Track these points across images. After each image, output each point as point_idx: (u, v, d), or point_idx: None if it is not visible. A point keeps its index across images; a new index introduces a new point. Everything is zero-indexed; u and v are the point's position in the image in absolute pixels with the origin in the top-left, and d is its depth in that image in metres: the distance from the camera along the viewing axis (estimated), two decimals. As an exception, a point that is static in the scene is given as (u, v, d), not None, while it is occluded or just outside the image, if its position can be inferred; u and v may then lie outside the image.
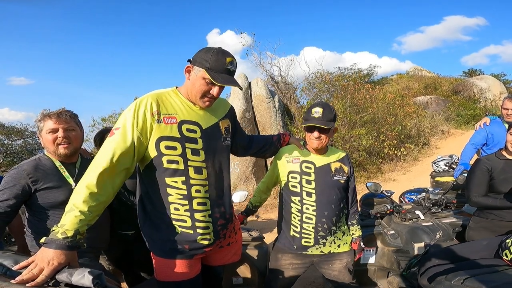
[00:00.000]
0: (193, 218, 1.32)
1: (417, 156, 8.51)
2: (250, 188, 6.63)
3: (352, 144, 7.59)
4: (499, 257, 1.52)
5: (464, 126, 11.06)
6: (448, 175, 3.92)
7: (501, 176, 1.99)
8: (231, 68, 1.31)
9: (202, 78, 1.28)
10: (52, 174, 1.58)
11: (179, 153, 1.28)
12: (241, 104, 7.14)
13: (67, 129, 1.60)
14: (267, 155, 1.85)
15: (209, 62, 1.27)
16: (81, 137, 1.72)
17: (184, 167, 1.29)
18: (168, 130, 1.27)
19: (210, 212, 1.37)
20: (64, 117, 1.60)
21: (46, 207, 1.56)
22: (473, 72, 18.15)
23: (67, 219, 1.09)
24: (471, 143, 2.91)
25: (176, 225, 1.32)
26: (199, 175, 1.32)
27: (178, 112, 1.31)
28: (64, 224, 1.08)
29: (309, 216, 1.68)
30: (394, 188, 6.05)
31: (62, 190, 1.58)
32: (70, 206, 1.11)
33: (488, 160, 2.06)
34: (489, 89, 13.05)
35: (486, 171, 2.02)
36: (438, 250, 1.87)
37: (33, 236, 1.59)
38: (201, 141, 1.33)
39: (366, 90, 9.18)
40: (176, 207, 1.31)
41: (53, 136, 1.57)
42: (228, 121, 1.51)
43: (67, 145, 1.60)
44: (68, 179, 1.61)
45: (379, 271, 2.35)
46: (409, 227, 2.27)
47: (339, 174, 1.72)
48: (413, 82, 16.64)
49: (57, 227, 1.08)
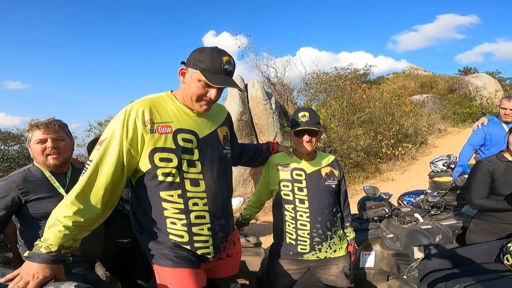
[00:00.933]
0: (191, 233, 1.26)
1: (415, 155, 8.52)
2: (249, 190, 6.61)
3: (350, 145, 7.59)
4: (500, 261, 1.50)
5: (461, 124, 11.10)
6: (446, 175, 3.91)
7: (503, 178, 1.97)
8: (228, 68, 1.20)
9: (198, 80, 1.19)
10: (42, 184, 1.56)
11: (174, 165, 1.19)
12: (238, 107, 7.12)
13: (56, 139, 1.57)
14: (257, 163, 1.82)
15: (203, 63, 1.17)
16: (71, 147, 1.69)
17: (180, 180, 1.21)
18: (163, 140, 1.17)
19: (209, 225, 1.29)
20: (53, 127, 1.57)
21: (38, 217, 1.53)
22: (468, 70, 18.27)
23: (50, 233, 1.04)
24: (469, 144, 2.90)
25: (173, 240, 1.25)
26: (196, 188, 1.25)
27: (173, 119, 1.22)
28: (47, 239, 1.04)
29: (303, 223, 1.67)
30: (393, 188, 6.09)
31: (54, 200, 1.54)
32: (53, 220, 1.06)
33: (489, 162, 2.04)
34: (484, 87, 13.11)
35: (487, 173, 2.00)
36: (438, 254, 1.86)
37: (26, 246, 1.57)
38: (197, 151, 1.25)
39: (363, 90, 9.20)
40: (173, 221, 1.24)
41: (42, 146, 1.55)
42: (226, 128, 1.44)
43: (57, 155, 1.58)
44: (59, 189, 1.59)
45: (379, 275, 2.33)
46: (408, 230, 2.26)
47: (330, 179, 1.72)
48: (409, 81, 16.70)
49: (40, 242, 1.04)
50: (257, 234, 2.53)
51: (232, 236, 1.47)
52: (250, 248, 2.28)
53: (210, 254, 1.32)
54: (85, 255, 1.64)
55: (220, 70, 1.19)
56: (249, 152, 1.74)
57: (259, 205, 1.98)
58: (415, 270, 1.97)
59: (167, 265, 1.25)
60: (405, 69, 20.66)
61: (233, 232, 1.48)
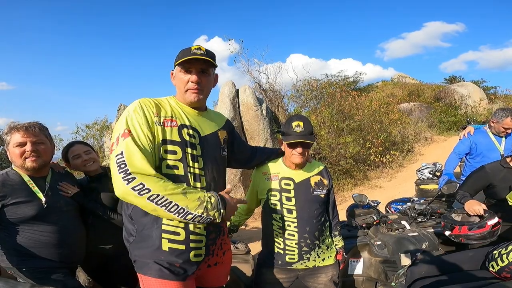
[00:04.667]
0: (188, 231, 1.25)
1: (402, 163, 8.67)
2: (238, 196, 6.58)
3: (339, 152, 7.67)
4: (485, 268, 1.53)
5: (446, 133, 11.36)
6: (432, 183, 3.98)
7: (502, 185, 2.08)
8: (197, 51, 1.29)
9: (179, 72, 1.32)
10: (21, 189, 1.53)
11: (179, 157, 1.24)
12: (229, 112, 7.11)
13: (35, 142, 1.55)
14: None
15: (177, 58, 1.31)
16: (51, 151, 1.66)
17: (184, 173, 1.24)
18: (169, 133, 1.24)
19: (205, 224, 1.29)
20: (32, 130, 1.54)
21: (15, 222, 1.51)
22: (453, 79, 18.75)
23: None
24: (455, 153, 2.95)
25: (166, 238, 1.23)
26: (198, 183, 1.27)
27: (177, 116, 1.30)
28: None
29: (291, 233, 1.66)
30: (381, 195, 6.16)
31: (32, 205, 1.53)
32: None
33: (489, 170, 2.18)
34: (469, 96, 13.46)
35: (482, 179, 2.20)
36: (425, 261, 1.88)
37: (3, 252, 1.53)
38: (200, 147, 1.30)
39: (353, 97, 9.33)
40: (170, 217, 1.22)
41: (20, 150, 1.52)
42: (225, 132, 1.51)
43: (35, 158, 1.55)
44: (37, 193, 1.56)
45: (367, 282, 2.34)
46: (396, 237, 2.28)
47: (319, 188, 1.71)
48: (397, 89, 17.05)
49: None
50: (247, 241, 2.52)
51: (223, 242, 1.46)
52: (239, 255, 2.27)
53: (201, 256, 1.31)
54: (64, 260, 1.62)
55: (190, 54, 1.28)
56: (262, 155, 1.79)
57: (249, 212, 1.97)
58: (402, 277, 1.99)
59: (153, 275, 1.23)
60: (394, 77, 21.11)
61: (223, 237, 1.46)
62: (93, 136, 9.71)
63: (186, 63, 1.29)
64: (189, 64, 1.29)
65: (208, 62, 1.31)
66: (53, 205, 1.61)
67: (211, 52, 1.35)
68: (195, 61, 1.29)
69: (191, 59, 1.27)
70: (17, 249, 1.52)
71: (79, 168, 1.92)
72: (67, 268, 1.64)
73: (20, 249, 1.52)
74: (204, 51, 1.31)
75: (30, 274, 1.52)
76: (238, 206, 1.29)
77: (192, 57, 1.27)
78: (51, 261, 1.58)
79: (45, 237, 1.57)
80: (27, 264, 1.53)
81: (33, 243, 1.55)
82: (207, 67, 1.34)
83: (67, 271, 1.64)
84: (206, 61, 1.30)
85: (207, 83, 1.36)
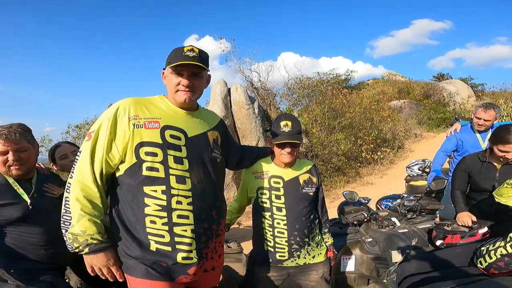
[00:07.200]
0: (172, 233, 1.24)
1: (392, 160, 8.78)
2: (231, 195, 6.57)
3: (331, 149, 7.71)
4: (474, 264, 1.56)
5: (435, 129, 11.54)
6: (421, 179, 4.05)
7: (479, 177, 2.22)
8: (190, 54, 1.27)
9: (170, 74, 1.30)
10: (5, 191, 1.52)
11: (159, 160, 1.22)
12: (220, 111, 7.07)
13: (18, 150, 1.52)
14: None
15: (169, 58, 1.30)
16: (35, 155, 1.64)
17: (165, 175, 1.23)
18: (149, 135, 1.23)
19: (193, 227, 1.28)
20: (13, 137, 1.50)
21: (1, 224, 1.50)
22: (442, 76, 19.04)
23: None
24: (442, 150, 3.01)
25: (152, 240, 1.22)
26: (182, 185, 1.26)
27: (162, 116, 1.28)
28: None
29: (280, 231, 1.67)
30: (372, 192, 6.23)
31: (17, 207, 1.52)
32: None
33: (468, 161, 2.32)
34: (457, 93, 13.69)
35: (463, 171, 2.33)
36: (415, 257, 1.92)
37: None
38: (185, 149, 1.28)
39: (344, 95, 9.39)
40: (153, 220, 1.22)
41: (3, 158, 1.49)
42: (217, 133, 1.48)
43: (19, 166, 1.53)
44: (22, 195, 1.55)
45: (359, 279, 2.37)
46: (386, 234, 2.31)
47: (308, 186, 1.73)
48: (387, 87, 17.23)
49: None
50: (239, 239, 2.52)
51: (217, 245, 1.44)
52: (231, 254, 2.27)
53: (193, 259, 1.29)
54: (53, 261, 1.60)
55: (182, 57, 1.27)
56: (251, 155, 1.78)
57: (240, 211, 1.97)
58: (393, 274, 2.02)
59: (139, 275, 1.23)
60: (384, 74, 21.33)
61: (218, 240, 1.45)
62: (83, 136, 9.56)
63: (178, 66, 1.27)
64: (181, 67, 1.28)
65: (201, 66, 1.30)
66: (39, 207, 1.59)
67: (204, 53, 1.33)
68: (187, 64, 1.27)
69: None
70: (5, 251, 1.51)
71: (66, 168, 1.90)
72: (56, 270, 1.63)
73: (8, 250, 1.52)
74: (197, 53, 1.29)
75: (18, 275, 1.51)
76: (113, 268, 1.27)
77: (184, 62, 1.25)
78: (40, 262, 1.57)
79: (32, 238, 1.56)
80: (15, 265, 1.53)
81: (21, 244, 1.54)
82: (200, 70, 1.32)
83: (56, 272, 1.63)
84: (198, 65, 1.29)
85: (199, 86, 1.34)
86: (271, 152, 1.80)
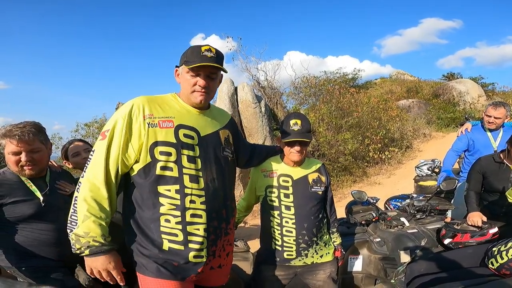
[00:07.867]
0: (185, 232, 1.24)
1: (400, 159, 8.69)
2: (238, 194, 6.58)
3: (338, 149, 7.67)
4: (485, 265, 1.54)
5: (445, 129, 11.38)
6: (431, 180, 3.99)
7: (493, 177, 2.22)
8: (208, 54, 1.26)
9: (186, 73, 1.28)
10: (18, 188, 1.53)
11: (173, 159, 1.22)
12: (227, 110, 7.09)
13: (31, 151, 1.52)
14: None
15: (186, 56, 1.28)
16: (48, 154, 1.65)
17: (179, 175, 1.23)
18: (164, 134, 1.22)
19: (205, 226, 1.28)
20: (26, 137, 1.49)
21: (14, 221, 1.51)
22: (452, 75, 18.73)
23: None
24: (453, 150, 2.96)
25: (166, 239, 1.23)
26: (195, 184, 1.25)
27: (176, 115, 1.27)
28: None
29: (289, 229, 1.67)
30: (380, 192, 6.17)
31: (30, 204, 1.53)
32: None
33: (483, 162, 2.31)
34: (467, 92, 13.47)
35: (478, 172, 2.31)
36: (424, 258, 1.89)
37: (2, 251, 1.53)
38: (198, 148, 1.28)
39: (351, 94, 9.32)
40: (167, 219, 1.22)
41: (16, 158, 1.50)
42: (228, 131, 1.48)
43: (32, 166, 1.54)
44: (35, 192, 1.56)
45: (366, 279, 2.35)
46: (395, 234, 2.29)
47: (316, 185, 1.72)
48: (396, 86, 17.03)
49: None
50: (246, 238, 2.52)
51: (225, 243, 1.44)
52: (238, 253, 2.27)
53: (203, 258, 1.29)
54: (64, 259, 1.61)
55: (200, 57, 1.25)
56: (261, 153, 1.78)
57: (247, 209, 1.97)
58: (401, 274, 1.99)
59: (150, 274, 1.23)
60: (392, 74, 21.08)
61: (226, 239, 1.44)
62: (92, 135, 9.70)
63: (195, 67, 1.26)
64: (198, 67, 1.26)
65: (218, 68, 1.29)
66: (51, 204, 1.60)
67: (221, 53, 1.32)
68: (205, 65, 1.26)
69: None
70: (16, 248, 1.52)
71: (79, 166, 1.92)
72: (66, 267, 1.63)
73: (19, 248, 1.52)
74: (215, 54, 1.28)
75: (29, 273, 1.51)
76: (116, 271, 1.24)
77: (203, 64, 1.24)
78: (51, 260, 1.58)
79: (44, 235, 1.57)
80: (27, 263, 1.53)
81: (32, 241, 1.54)
82: (216, 71, 1.32)
83: (67, 270, 1.63)
84: (216, 66, 1.28)
85: (213, 87, 1.34)
86: (280, 151, 1.79)
